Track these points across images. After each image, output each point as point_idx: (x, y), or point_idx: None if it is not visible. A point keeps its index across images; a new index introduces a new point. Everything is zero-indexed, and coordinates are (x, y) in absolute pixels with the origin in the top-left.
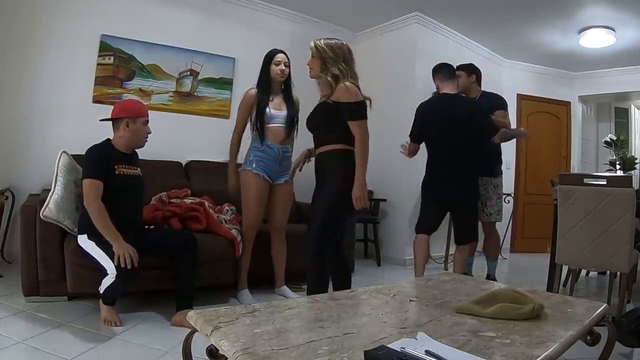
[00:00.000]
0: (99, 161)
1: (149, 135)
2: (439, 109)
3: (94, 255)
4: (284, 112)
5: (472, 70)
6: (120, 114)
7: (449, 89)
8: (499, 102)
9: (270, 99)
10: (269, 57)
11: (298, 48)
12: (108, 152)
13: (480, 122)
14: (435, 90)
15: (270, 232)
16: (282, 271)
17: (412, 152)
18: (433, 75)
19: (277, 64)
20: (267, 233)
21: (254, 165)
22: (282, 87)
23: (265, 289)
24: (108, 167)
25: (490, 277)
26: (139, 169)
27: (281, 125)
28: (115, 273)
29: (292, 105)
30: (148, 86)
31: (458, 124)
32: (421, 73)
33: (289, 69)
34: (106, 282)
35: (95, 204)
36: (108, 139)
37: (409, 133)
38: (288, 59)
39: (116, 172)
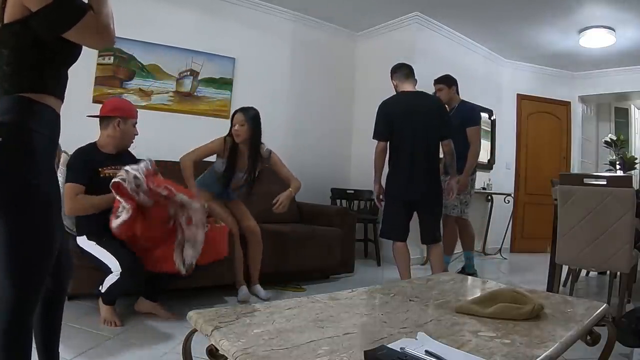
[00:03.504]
0: (81, 164)
1: (135, 136)
2: (402, 105)
3: (95, 255)
4: (243, 173)
5: (451, 82)
6: (113, 112)
7: (409, 87)
8: (471, 116)
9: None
10: (231, 117)
11: (298, 48)
12: (93, 156)
13: (443, 121)
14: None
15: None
16: (257, 271)
17: (382, 152)
18: (391, 75)
19: (233, 125)
20: (270, 232)
21: (199, 187)
22: (249, 145)
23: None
24: (92, 171)
25: (465, 270)
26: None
27: (241, 182)
28: (120, 270)
29: (253, 165)
30: (148, 86)
31: (422, 119)
32: (421, 73)
33: (246, 126)
34: (109, 280)
35: (75, 205)
36: (94, 142)
37: (374, 134)
38: (245, 117)
39: (101, 175)
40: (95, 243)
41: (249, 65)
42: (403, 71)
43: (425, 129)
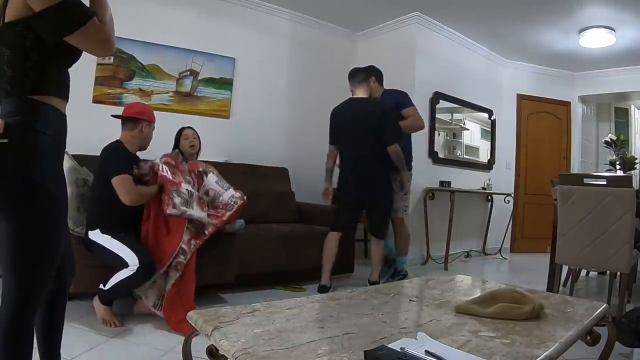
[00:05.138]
0: (122, 157)
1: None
2: (347, 112)
3: (110, 249)
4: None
5: (370, 72)
6: (142, 115)
7: (360, 93)
8: (404, 100)
9: None
10: (179, 133)
11: (298, 48)
12: (127, 152)
13: (384, 128)
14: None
15: None
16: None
17: (331, 154)
18: (348, 79)
19: (186, 138)
20: (270, 232)
21: None
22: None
23: (265, 289)
24: (131, 164)
25: (401, 273)
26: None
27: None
28: (137, 265)
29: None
30: (148, 86)
31: (365, 126)
32: (421, 73)
33: (198, 140)
34: (120, 275)
35: (136, 194)
36: (119, 140)
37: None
38: (196, 132)
39: (133, 173)
40: (110, 237)
41: (249, 65)
42: (357, 78)
43: (370, 135)
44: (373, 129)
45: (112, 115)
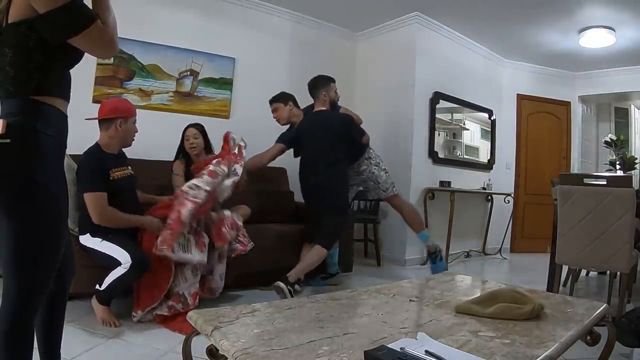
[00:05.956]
0: (96, 171)
1: (135, 134)
2: (305, 126)
3: (102, 251)
4: None
5: (286, 98)
6: (113, 113)
7: (317, 106)
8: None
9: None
10: (182, 133)
11: (298, 48)
12: (102, 159)
13: (352, 133)
14: None
15: None
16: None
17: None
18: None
19: (187, 139)
20: (269, 232)
21: None
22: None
23: (264, 289)
24: (106, 174)
25: (430, 249)
26: (129, 167)
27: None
28: (130, 263)
29: None
30: (148, 86)
31: (321, 139)
32: (421, 73)
33: (201, 139)
34: (114, 274)
35: (105, 216)
36: (97, 144)
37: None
38: (201, 129)
39: (111, 178)
40: (101, 239)
41: (249, 65)
42: (311, 93)
43: (325, 146)
44: (330, 141)
45: (86, 119)
